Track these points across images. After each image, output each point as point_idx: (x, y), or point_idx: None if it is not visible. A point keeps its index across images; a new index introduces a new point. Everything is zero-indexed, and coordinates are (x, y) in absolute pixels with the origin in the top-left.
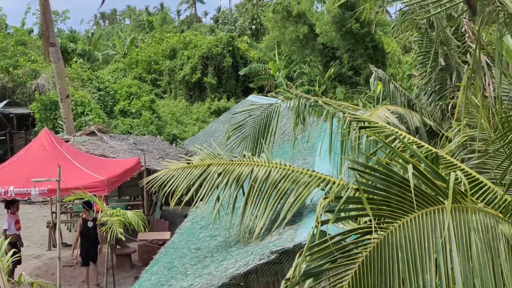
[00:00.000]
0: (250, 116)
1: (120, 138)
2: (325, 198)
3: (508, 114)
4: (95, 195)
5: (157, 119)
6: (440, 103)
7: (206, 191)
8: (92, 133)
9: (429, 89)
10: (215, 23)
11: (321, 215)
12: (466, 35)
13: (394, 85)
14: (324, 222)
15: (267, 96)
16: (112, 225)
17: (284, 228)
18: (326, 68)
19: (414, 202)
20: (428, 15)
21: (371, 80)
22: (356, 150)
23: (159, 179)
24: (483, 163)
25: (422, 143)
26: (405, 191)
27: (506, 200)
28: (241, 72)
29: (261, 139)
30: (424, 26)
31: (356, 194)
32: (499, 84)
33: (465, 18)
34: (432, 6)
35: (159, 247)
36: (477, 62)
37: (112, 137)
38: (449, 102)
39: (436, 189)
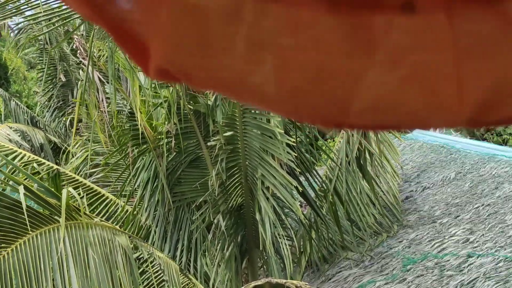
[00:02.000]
0: None
1: None
2: None
3: (123, 128)
4: None
5: None
6: (63, 119)
7: None
8: None
9: (52, 105)
10: None
11: None
12: (78, 51)
13: (16, 102)
14: None
15: None
16: None
17: None
18: None
19: (28, 224)
20: (45, 31)
21: None
22: None
23: None
24: (106, 176)
25: (43, 161)
26: (18, 214)
27: (127, 210)
28: None
29: None
30: (43, 42)
31: None
32: (113, 99)
33: (77, 35)
34: (45, 23)
35: None
36: (90, 78)
37: None
38: (71, 118)
39: (51, 208)
